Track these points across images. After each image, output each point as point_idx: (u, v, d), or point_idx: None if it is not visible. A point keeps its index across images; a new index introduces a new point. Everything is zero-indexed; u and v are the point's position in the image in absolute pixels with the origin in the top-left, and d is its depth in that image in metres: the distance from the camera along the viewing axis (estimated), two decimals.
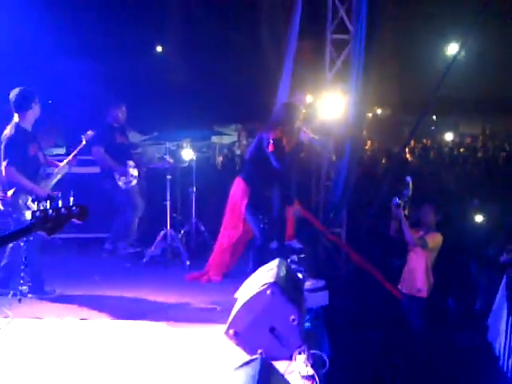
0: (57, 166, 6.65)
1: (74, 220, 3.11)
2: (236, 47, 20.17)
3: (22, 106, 6.28)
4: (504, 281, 7.50)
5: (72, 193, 6.02)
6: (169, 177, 8.24)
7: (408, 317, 7.32)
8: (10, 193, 6.09)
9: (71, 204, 3.11)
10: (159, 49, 25.75)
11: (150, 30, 21.82)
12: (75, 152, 6.88)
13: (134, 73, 19.66)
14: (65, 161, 6.73)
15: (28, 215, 3.02)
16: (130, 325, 5.60)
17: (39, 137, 6.61)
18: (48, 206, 3.04)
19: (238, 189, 6.92)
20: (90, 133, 7.15)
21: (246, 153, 7.43)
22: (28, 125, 6.36)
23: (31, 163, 6.30)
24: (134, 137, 9.30)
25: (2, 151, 6.17)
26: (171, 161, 8.52)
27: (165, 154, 8.76)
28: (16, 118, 6.29)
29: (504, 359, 6.86)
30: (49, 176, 6.53)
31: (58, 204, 3.08)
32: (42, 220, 2.99)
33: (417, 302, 7.17)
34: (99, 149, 7.90)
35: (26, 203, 6.03)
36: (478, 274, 8.68)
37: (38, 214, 2.99)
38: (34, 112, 6.37)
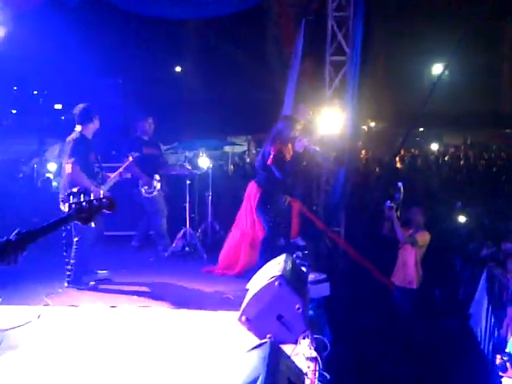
0: (108, 177, 6.72)
1: (104, 210, 3.15)
2: (246, 68, 20.18)
3: (84, 118, 6.36)
4: (484, 274, 7.50)
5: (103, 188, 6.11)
6: (188, 182, 8.26)
7: (399, 305, 7.32)
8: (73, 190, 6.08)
9: (101, 197, 3.15)
10: (178, 69, 25.79)
11: (170, 52, 21.92)
12: (124, 166, 7.05)
13: (157, 90, 19.70)
14: (115, 173, 6.85)
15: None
16: (153, 311, 5.63)
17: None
18: (82, 199, 3.08)
19: (251, 191, 6.90)
20: (135, 154, 7.31)
21: (256, 162, 7.40)
22: (89, 135, 6.43)
23: (91, 168, 6.36)
24: None
25: (69, 152, 6.20)
26: (190, 168, 8.54)
27: (184, 162, 8.76)
28: (78, 128, 6.35)
29: (484, 343, 6.85)
30: (103, 184, 6.58)
31: (90, 197, 3.11)
32: (77, 211, 3.03)
33: (407, 292, 7.17)
34: (129, 158, 7.88)
35: None
36: (461, 268, 8.67)
37: (74, 205, 3.04)
38: (94, 125, 6.45)
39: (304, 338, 4.39)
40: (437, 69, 24.13)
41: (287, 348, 4.05)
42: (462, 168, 18.96)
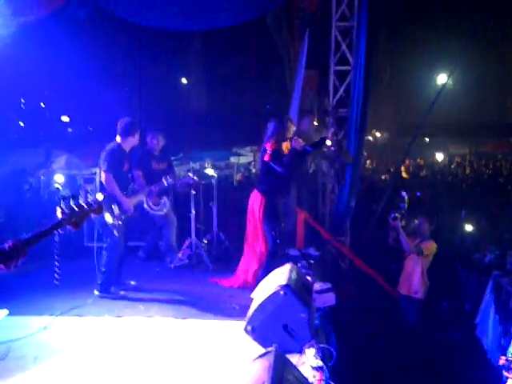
0: (136, 189, 7.02)
1: (92, 215, 3.29)
2: (251, 79, 20.30)
3: (125, 132, 6.49)
4: (490, 284, 7.45)
5: (89, 190, 6.15)
6: (193, 192, 8.26)
7: (405, 315, 7.29)
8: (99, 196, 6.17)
9: (90, 201, 3.28)
10: (184, 81, 25.89)
11: (176, 64, 22.04)
12: (155, 187, 7.30)
13: (163, 102, 19.79)
14: (145, 190, 7.24)
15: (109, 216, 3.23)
16: (158, 320, 5.61)
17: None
18: (72, 203, 3.18)
19: (255, 202, 6.86)
20: (170, 180, 7.35)
21: (258, 171, 7.41)
22: (126, 148, 6.56)
23: (123, 178, 6.55)
24: None
25: (103, 160, 6.35)
26: (195, 178, 8.53)
27: (189, 172, 8.75)
28: (118, 139, 6.49)
29: (492, 353, 6.80)
30: (131, 195, 6.73)
31: (79, 201, 3.21)
32: (69, 215, 3.12)
33: (413, 302, 7.14)
34: (137, 172, 7.87)
35: (110, 206, 6.24)
36: (467, 278, 8.62)
37: (66, 211, 3.13)
38: (134, 140, 6.59)
39: (310, 348, 4.38)
40: (442, 78, 24.16)
41: (293, 357, 4.03)
42: (467, 177, 18.93)
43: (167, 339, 5.09)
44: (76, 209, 3.14)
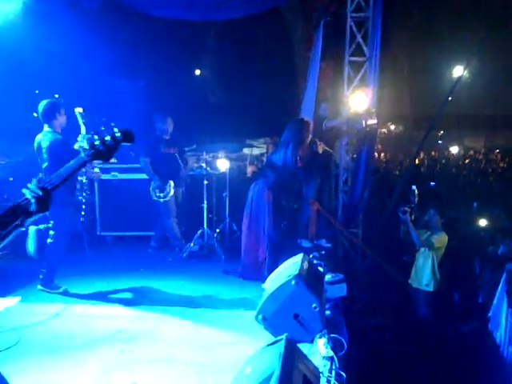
0: None
1: (123, 144, 2.83)
2: (265, 71, 20.25)
3: (47, 116, 6.12)
4: (504, 276, 7.41)
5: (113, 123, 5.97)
6: (205, 182, 8.29)
7: (416, 307, 7.27)
8: None
9: (114, 132, 2.80)
10: (197, 72, 25.85)
11: (189, 55, 22.01)
12: None
13: (176, 93, 19.79)
14: None
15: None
16: (171, 310, 5.64)
17: None
18: (97, 139, 2.77)
19: (261, 193, 6.85)
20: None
21: (267, 162, 7.42)
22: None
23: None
24: None
25: (46, 154, 5.99)
26: (208, 169, 8.56)
27: (202, 163, 8.77)
28: (46, 127, 6.14)
29: (504, 346, 6.77)
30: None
31: (104, 137, 2.78)
32: (93, 154, 2.75)
33: (425, 294, 7.12)
34: (145, 159, 7.93)
35: None
36: (480, 271, 8.58)
37: (88, 150, 2.75)
38: (60, 121, 6.18)
39: (321, 337, 4.39)
40: (458, 71, 23.95)
41: (304, 347, 4.05)
42: (482, 171, 18.83)
43: (179, 329, 5.13)
44: (98, 142, 2.75)
